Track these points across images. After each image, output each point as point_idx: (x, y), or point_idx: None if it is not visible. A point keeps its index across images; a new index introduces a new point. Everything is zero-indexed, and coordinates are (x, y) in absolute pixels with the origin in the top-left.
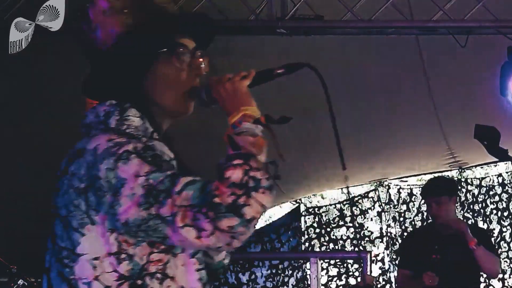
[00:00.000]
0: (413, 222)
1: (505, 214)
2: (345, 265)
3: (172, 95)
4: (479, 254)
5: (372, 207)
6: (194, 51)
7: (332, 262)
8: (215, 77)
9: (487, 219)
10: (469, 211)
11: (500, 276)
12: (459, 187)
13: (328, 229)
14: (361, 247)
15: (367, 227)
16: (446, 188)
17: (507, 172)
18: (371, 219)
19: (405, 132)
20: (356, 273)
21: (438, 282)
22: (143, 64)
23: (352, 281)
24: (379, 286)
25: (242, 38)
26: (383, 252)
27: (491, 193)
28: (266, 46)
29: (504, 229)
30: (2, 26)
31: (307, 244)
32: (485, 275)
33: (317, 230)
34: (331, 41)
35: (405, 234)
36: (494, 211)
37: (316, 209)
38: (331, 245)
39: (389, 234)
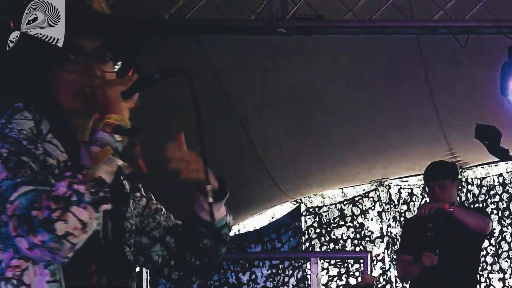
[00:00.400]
0: None
1: (506, 214)
2: (345, 265)
3: (68, 97)
4: (458, 213)
5: (373, 207)
6: (95, 52)
7: (333, 262)
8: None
9: None
10: None
11: (501, 276)
12: (460, 187)
13: (329, 229)
14: (361, 247)
15: (368, 227)
16: (450, 172)
17: (507, 172)
18: (372, 219)
19: (405, 131)
20: (357, 273)
21: (437, 262)
22: (45, 66)
23: (352, 281)
24: (379, 286)
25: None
26: (384, 252)
27: (491, 193)
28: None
29: (505, 229)
30: (2, 26)
31: (307, 244)
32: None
33: (318, 230)
34: (331, 41)
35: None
36: (495, 211)
37: (317, 209)
38: (332, 245)
39: (389, 234)
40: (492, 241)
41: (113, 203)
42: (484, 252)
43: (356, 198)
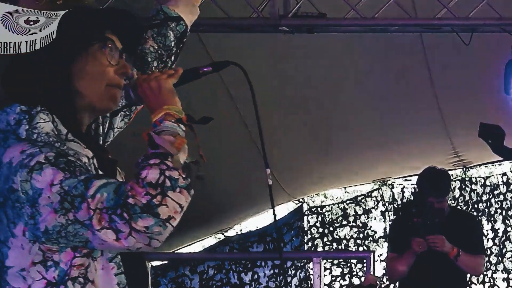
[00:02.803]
0: None
1: (510, 213)
2: (348, 265)
3: (96, 91)
4: (461, 262)
5: (376, 207)
6: (123, 51)
7: (336, 262)
8: (143, 75)
9: (492, 218)
10: (473, 210)
11: (505, 276)
12: (463, 186)
13: (331, 229)
14: (364, 247)
15: (371, 226)
16: (450, 187)
17: (511, 171)
18: (375, 219)
19: (408, 130)
20: (360, 273)
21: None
22: (72, 53)
23: (355, 281)
24: (382, 286)
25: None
26: (387, 252)
27: (495, 192)
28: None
29: (509, 229)
30: None
31: (310, 243)
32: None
33: (320, 230)
34: (334, 39)
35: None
36: (499, 211)
37: (319, 208)
38: (335, 245)
39: None
40: (496, 241)
41: None
42: (488, 252)
43: (359, 198)
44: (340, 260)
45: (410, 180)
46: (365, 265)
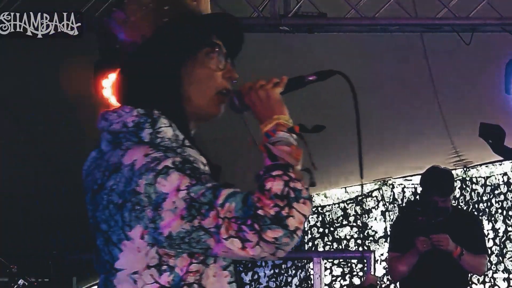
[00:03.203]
0: None
1: (510, 213)
2: (349, 264)
3: (205, 96)
4: (464, 261)
5: (376, 206)
6: (228, 55)
7: (336, 261)
8: (248, 82)
9: (492, 218)
10: (474, 210)
11: (505, 276)
12: (464, 186)
13: (332, 229)
14: (365, 247)
15: (371, 226)
16: (453, 185)
17: None
18: (375, 219)
19: (409, 130)
20: (360, 273)
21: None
22: (182, 59)
23: (356, 281)
24: (383, 286)
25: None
26: (388, 252)
27: (496, 192)
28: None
29: (510, 228)
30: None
31: (310, 243)
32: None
33: (321, 230)
34: (335, 39)
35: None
36: (499, 210)
37: (320, 208)
38: (335, 245)
39: None
40: (497, 241)
41: None
42: (488, 252)
43: (360, 198)
44: (341, 260)
45: (411, 180)
46: (365, 265)
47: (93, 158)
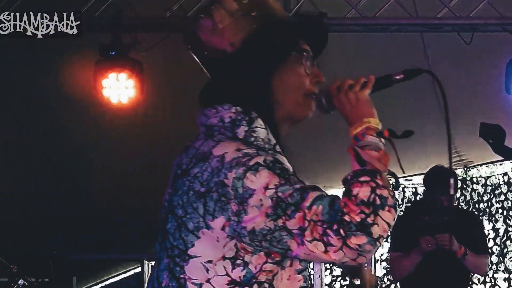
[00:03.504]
0: None
1: (511, 213)
2: None
3: (295, 101)
4: (468, 262)
5: None
6: (314, 58)
7: None
8: (336, 83)
9: (493, 218)
10: (474, 210)
11: (506, 276)
12: (465, 186)
13: None
14: None
15: None
16: (456, 185)
17: None
18: None
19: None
20: None
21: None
22: (272, 66)
23: (356, 281)
24: (383, 286)
25: None
26: (388, 252)
27: (496, 192)
28: None
29: (510, 228)
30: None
31: None
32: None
33: None
34: (335, 39)
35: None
36: (500, 210)
37: None
38: None
39: None
40: (498, 241)
41: None
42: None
43: None
44: None
45: (411, 180)
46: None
47: (185, 147)
